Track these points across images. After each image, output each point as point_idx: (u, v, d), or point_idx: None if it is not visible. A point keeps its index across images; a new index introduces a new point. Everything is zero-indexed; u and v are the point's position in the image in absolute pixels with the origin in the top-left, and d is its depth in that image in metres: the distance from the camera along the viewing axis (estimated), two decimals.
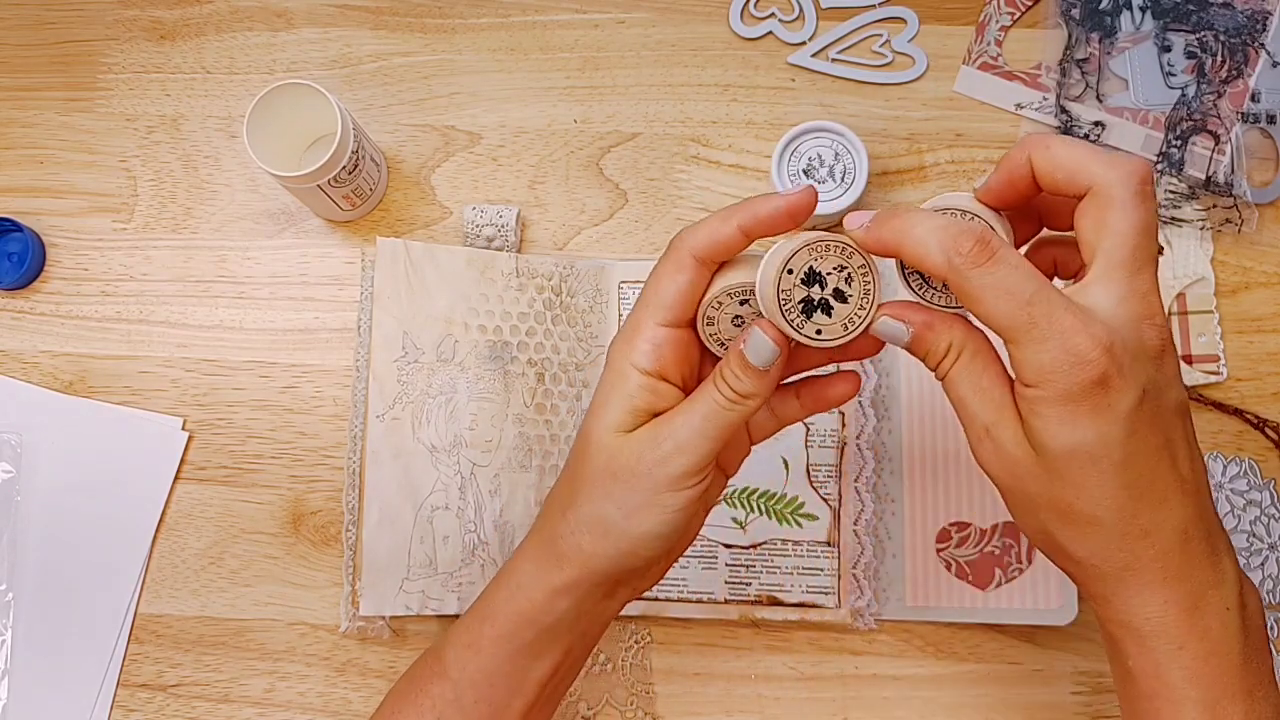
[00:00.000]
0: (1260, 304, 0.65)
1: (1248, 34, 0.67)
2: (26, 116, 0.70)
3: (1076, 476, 0.38)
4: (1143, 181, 0.38)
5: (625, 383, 0.43)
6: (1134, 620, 0.40)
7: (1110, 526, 0.39)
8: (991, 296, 0.37)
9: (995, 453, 0.40)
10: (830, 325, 0.41)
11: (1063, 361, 0.37)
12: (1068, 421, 0.37)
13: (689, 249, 0.42)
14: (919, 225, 0.39)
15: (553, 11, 0.70)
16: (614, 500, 0.43)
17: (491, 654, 0.47)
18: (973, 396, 0.40)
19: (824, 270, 0.41)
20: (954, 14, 0.69)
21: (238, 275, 0.68)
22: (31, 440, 0.66)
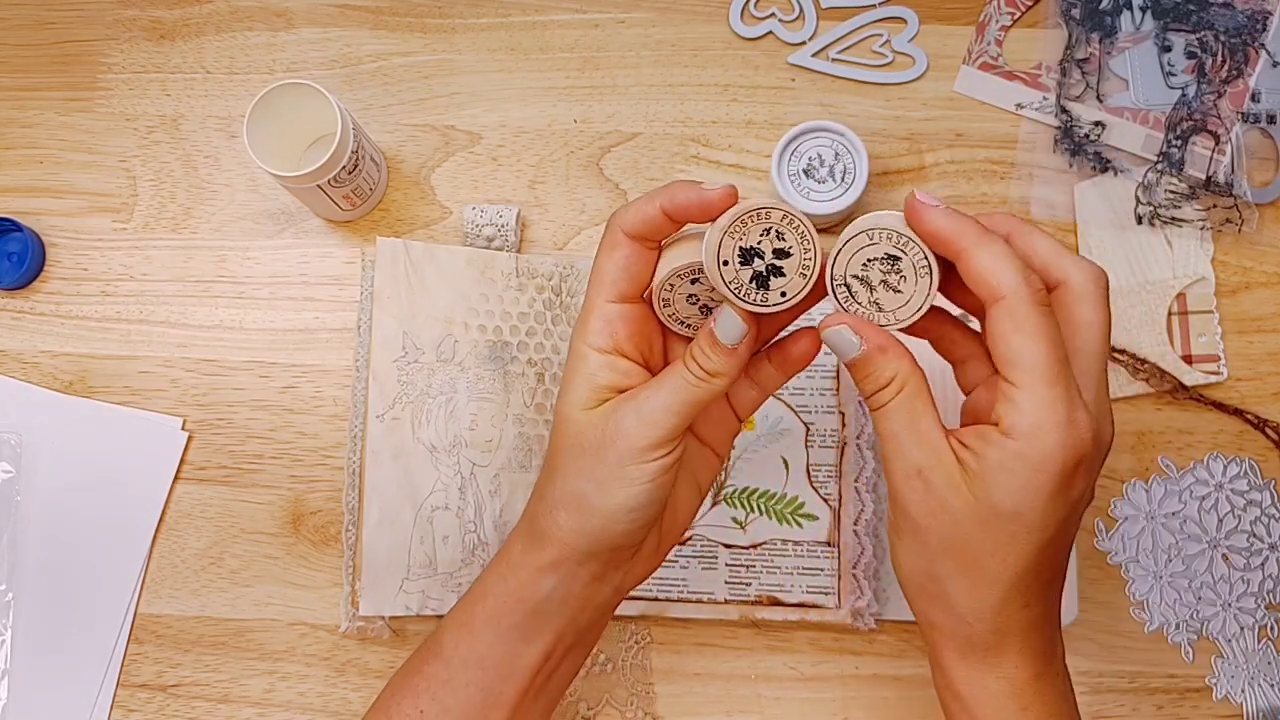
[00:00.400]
0: (1260, 304, 0.65)
1: (1248, 34, 0.67)
2: (26, 116, 0.70)
3: (1004, 537, 0.39)
4: (1107, 284, 0.41)
5: (584, 362, 0.44)
6: (985, 681, 0.42)
7: (1005, 591, 0.40)
8: (1038, 338, 0.38)
9: (923, 494, 0.40)
10: (789, 282, 0.41)
11: (1063, 431, 0.38)
12: (1030, 488, 0.38)
13: (619, 227, 0.43)
14: (999, 243, 0.39)
15: (553, 11, 0.70)
16: (584, 475, 0.44)
17: (483, 633, 0.47)
18: (908, 434, 0.41)
19: (754, 244, 0.41)
20: (954, 14, 0.69)
21: (238, 275, 0.68)
22: (31, 440, 0.66)
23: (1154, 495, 0.64)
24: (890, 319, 0.41)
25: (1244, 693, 0.62)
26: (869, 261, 0.41)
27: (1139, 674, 0.63)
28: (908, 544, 0.42)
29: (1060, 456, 0.38)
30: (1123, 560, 0.64)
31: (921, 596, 0.43)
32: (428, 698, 0.48)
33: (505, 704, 0.48)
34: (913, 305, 0.41)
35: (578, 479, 0.44)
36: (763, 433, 0.63)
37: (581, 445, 0.44)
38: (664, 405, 0.43)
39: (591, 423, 0.44)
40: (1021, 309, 0.38)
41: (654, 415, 0.43)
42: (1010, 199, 0.67)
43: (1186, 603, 0.63)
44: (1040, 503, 0.38)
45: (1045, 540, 0.39)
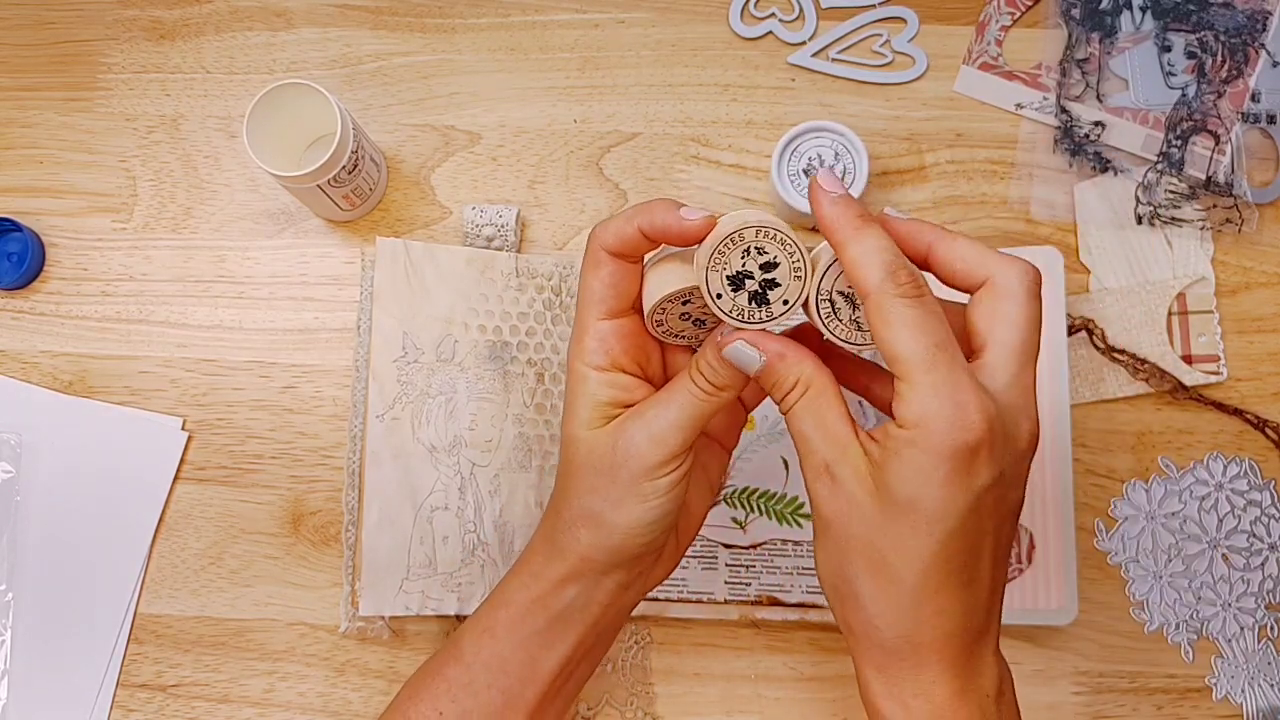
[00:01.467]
0: (1260, 304, 0.65)
1: (1248, 34, 0.67)
2: (26, 116, 0.70)
3: (904, 530, 0.39)
4: (1035, 281, 0.41)
5: (585, 383, 0.45)
6: (904, 697, 0.41)
7: (913, 590, 0.39)
8: (905, 329, 0.38)
9: (831, 489, 0.40)
10: (786, 289, 0.41)
11: (948, 415, 0.37)
12: (923, 474, 0.38)
13: (600, 245, 0.44)
14: (871, 237, 0.39)
15: (553, 11, 0.70)
16: (599, 494, 0.44)
17: (505, 638, 0.48)
18: (815, 432, 0.41)
19: (739, 269, 0.41)
20: (954, 14, 0.69)
21: (237, 275, 0.68)
22: (31, 440, 0.66)
23: (1154, 495, 0.64)
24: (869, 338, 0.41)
25: (1244, 693, 0.62)
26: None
27: (1139, 674, 0.63)
28: (821, 543, 0.42)
29: (949, 440, 0.37)
30: (1123, 560, 0.64)
31: (837, 599, 0.42)
32: (447, 700, 0.48)
33: (524, 708, 0.48)
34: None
35: (592, 497, 0.44)
36: (763, 433, 0.63)
37: (593, 465, 0.44)
38: (673, 422, 0.43)
39: (600, 442, 0.44)
40: (885, 303, 0.38)
41: (664, 433, 0.43)
42: (1010, 199, 0.67)
43: (1186, 603, 0.63)
44: (935, 490, 0.38)
45: (948, 532, 0.38)
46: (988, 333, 0.40)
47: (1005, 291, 0.40)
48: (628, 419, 0.44)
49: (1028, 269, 0.41)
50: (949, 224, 0.66)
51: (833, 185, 0.41)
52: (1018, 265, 0.41)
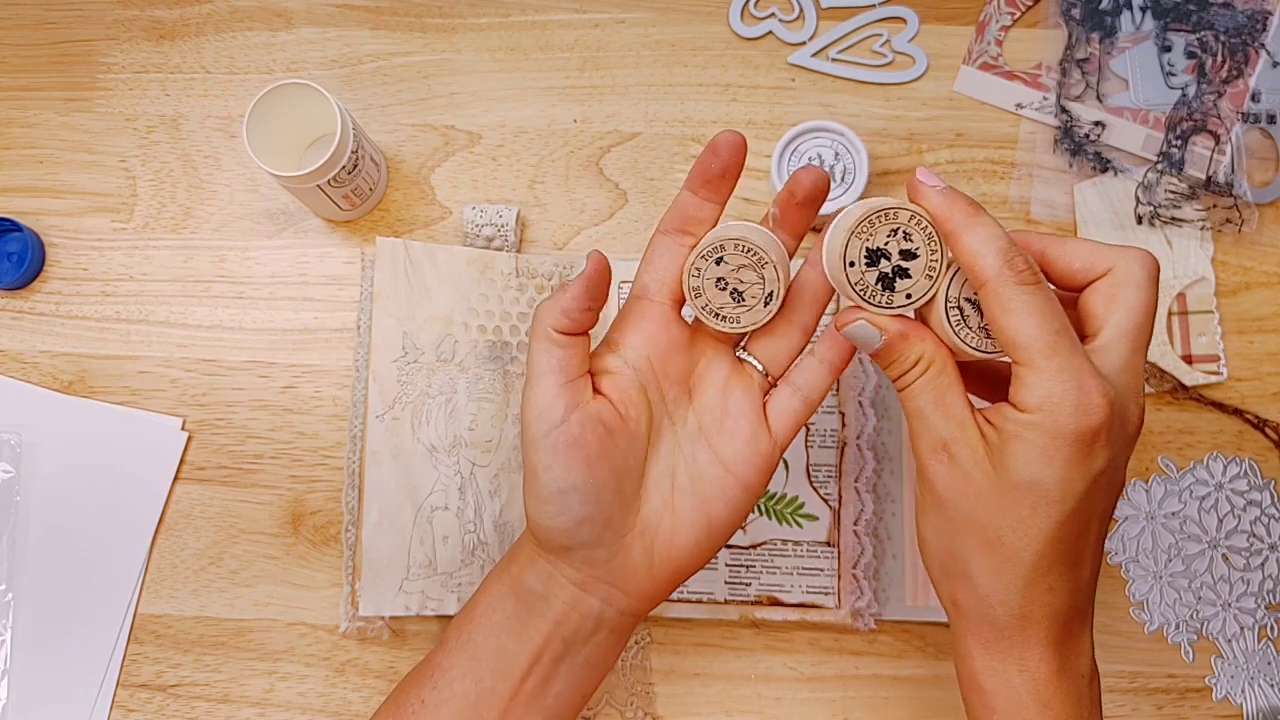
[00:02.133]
0: (1260, 304, 0.65)
1: (1248, 34, 0.67)
2: (26, 116, 0.70)
3: (1024, 510, 0.39)
4: (1155, 269, 0.41)
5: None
6: (1008, 674, 0.41)
7: (1028, 569, 0.40)
8: (1026, 315, 0.38)
9: (949, 467, 0.41)
10: (915, 284, 0.41)
11: (1072, 399, 0.38)
12: (1046, 456, 0.38)
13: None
14: (985, 226, 0.40)
15: (553, 11, 0.70)
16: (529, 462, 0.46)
17: (480, 623, 0.49)
18: (935, 410, 0.41)
19: (881, 245, 0.41)
20: (954, 14, 0.69)
21: (237, 275, 0.68)
22: (31, 440, 0.66)
23: (1154, 495, 0.64)
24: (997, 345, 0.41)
25: (1244, 693, 0.62)
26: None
27: (1139, 674, 0.63)
28: (932, 520, 0.42)
29: (1073, 424, 0.38)
30: (1123, 560, 0.64)
31: (946, 576, 0.43)
32: (429, 686, 0.49)
33: (497, 703, 0.48)
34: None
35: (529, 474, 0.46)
36: None
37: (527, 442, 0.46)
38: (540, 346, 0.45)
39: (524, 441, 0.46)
40: (1004, 290, 0.39)
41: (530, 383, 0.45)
42: (1010, 199, 0.67)
43: (1186, 603, 0.63)
44: (1056, 471, 0.38)
45: (1065, 513, 0.39)
46: (1104, 317, 0.41)
47: (1125, 278, 0.41)
48: None
49: (1148, 257, 0.41)
50: None
51: (934, 180, 0.41)
52: (1138, 253, 0.41)
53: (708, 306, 0.44)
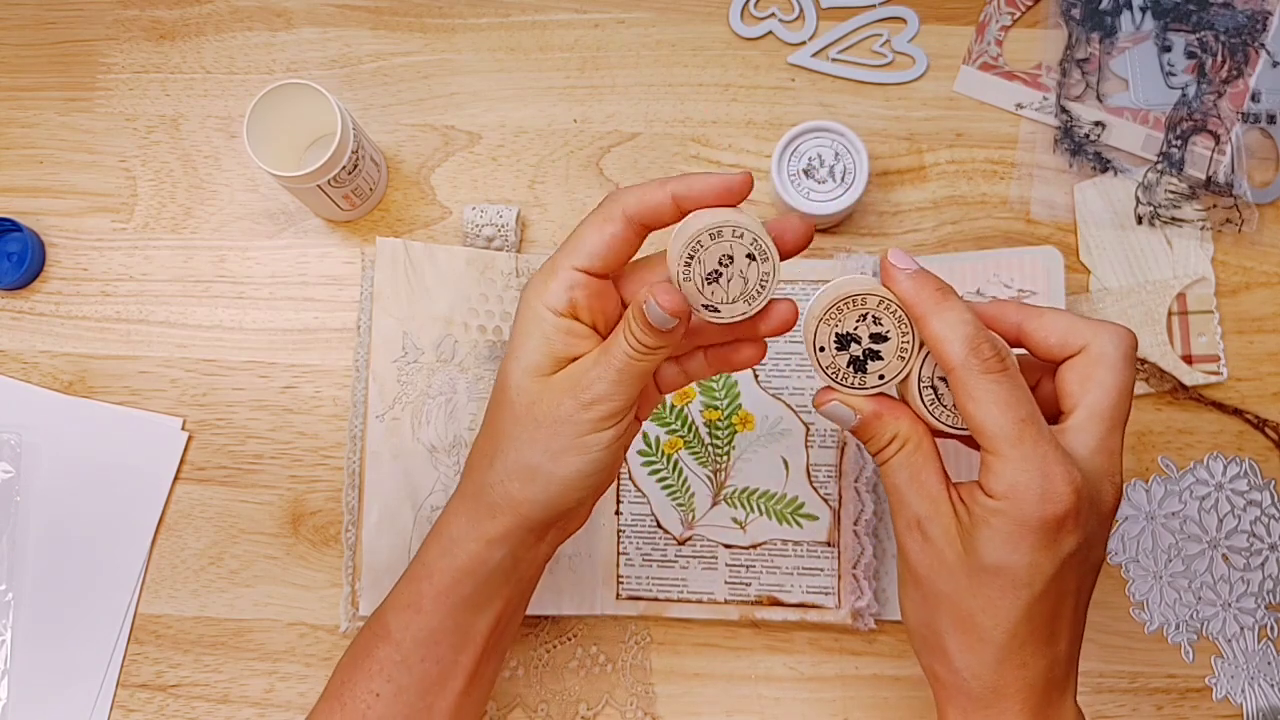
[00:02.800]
0: (1260, 304, 0.65)
1: (1248, 34, 0.67)
2: (26, 116, 0.70)
3: (993, 592, 0.40)
4: (1131, 347, 0.41)
5: (540, 325, 0.44)
6: None
7: (999, 647, 0.41)
8: (991, 404, 0.39)
9: (922, 544, 0.41)
10: (887, 365, 0.42)
11: (1036, 487, 0.38)
12: (1012, 542, 0.39)
13: (621, 206, 0.43)
14: (952, 311, 0.40)
15: (553, 11, 0.70)
16: (539, 445, 0.44)
17: (433, 611, 0.48)
18: (909, 487, 0.42)
19: (850, 330, 0.42)
20: (954, 14, 0.69)
21: (237, 275, 0.68)
22: (31, 440, 0.66)
23: (1154, 495, 0.64)
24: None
25: (1244, 693, 0.62)
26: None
27: (1139, 674, 0.63)
28: (911, 594, 0.43)
29: (1038, 511, 0.38)
30: (1123, 560, 0.64)
31: (925, 649, 0.44)
32: (381, 680, 0.48)
33: (462, 672, 0.49)
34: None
35: (530, 449, 0.44)
36: (763, 433, 0.63)
37: (536, 417, 0.44)
38: (616, 381, 0.43)
39: (548, 395, 0.44)
40: (969, 379, 0.39)
41: (609, 391, 0.43)
42: (1010, 199, 0.67)
43: (1186, 603, 0.63)
44: (1023, 557, 0.39)
45: (1034, 596, 0.40)
46: (1079, 396, 0.41)
47: (1100, 356, 0.41)
48: (575, 374, 0.44)
49: (1124, 334, 0.41)
50: (949, 224, 0.66)
51: (905, 262, 0.41)
52: (1113, 331, 0.41)
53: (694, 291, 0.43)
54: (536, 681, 0.63)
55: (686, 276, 0.42)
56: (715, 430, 0.64)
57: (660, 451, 0.64)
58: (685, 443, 0.64)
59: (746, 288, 0.42)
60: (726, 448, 0.64)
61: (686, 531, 0.63)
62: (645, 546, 0.63)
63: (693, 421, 0.64)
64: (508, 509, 0.46)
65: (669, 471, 0.64)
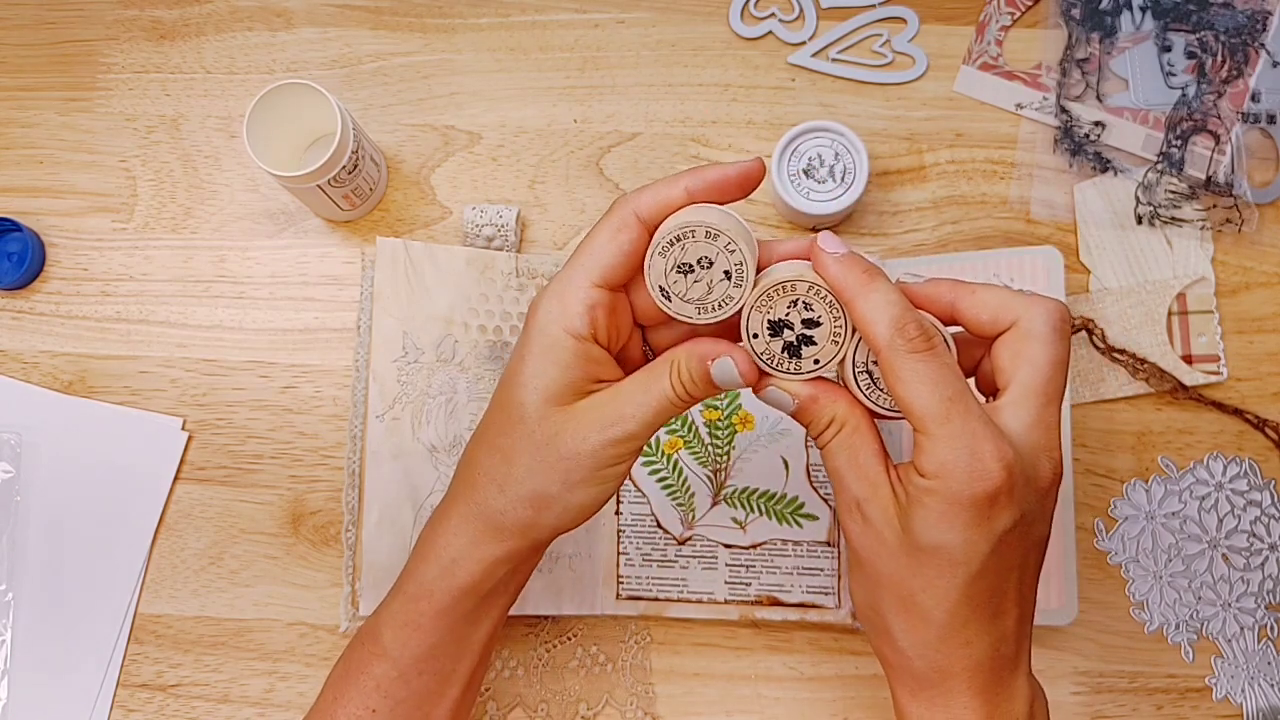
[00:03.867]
0: (1260, 304, 0.65)
1: (1248, 34, 0.67)
2: (26, 116, 0.70)
3: (931, 571, 0.40)
4: (1061, 320, 0.41)
5: (559, 351, 0.43)
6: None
7: (940, 626, 0.40)
8: (918, 384, 0.39)
9: (862, 527, 0.41)
10: (821, 349, 0.42)
11: (965, 465, 0.38)
12: (945, 521, 0.39)
13: (634, 209, 0.42)
14: (877, 292, 0.40)
15: (553, 11, 0.70)
16: (557, 475, 0.43)
17: (433, 629, 0.47)
18: (848, 470, 0.42)
19: (782, 316, 0.41)
20: (954, 14, 0.69)
21: (237, 275, 0.68)
22: (31, 440, 0.66)
23: (1154, 495, 0.64)
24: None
25: (1244, 693, 0.62)
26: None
27: (1139, 674, 0.63)
28: (856, 577, 0.44)
29: (967, 489, 0.38)
30: (1123, 560, 0.64)
31: (872, 630, 0.44)
32: (378, 696, 0.48)
33: (459, 681, 0.49)
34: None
35: (548, 480, 0.44)
36: (763, 433, 0.63)
37: (557, 449, 0.43)
38: (644, 420, 0.43)
39: (571, 428, 0.43)
40: (896, 360, 0.39)
41: (640, 431, 0.43)
42: (1010, 199, 0.67)
43: (1186, 603, 0.63)
44: (957, 536, 0.39)
45: (972, 574, 0.39)
46: (1011, 372, 0.41)
47: (1029, 332, 0.41)
48: (602, 408, 0.43)
49: (1054, 307, 0.41)
50: (949, 224, 0.66)
51: (834, 246, 0.41)
52: (1042, 305, 0.41)
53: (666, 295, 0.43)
54: (536, 681, 0.63)
55: (663, 253, 0.41)
56: (715, 430, 0.64)
57: (660, 451, 0.64)
58: (685, 443, 0.64)
59: (707, 298, 0.42)
60: (726, 448, 0.64)
61: (686, 531, 0.63)
62: (645, 546, 0.63)
63: (693, 421, 0.64)
64: (515, 533, 0.45)
65: (669, 471, 0.64)
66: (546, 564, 0.63)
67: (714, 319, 0.42)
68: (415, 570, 0.48)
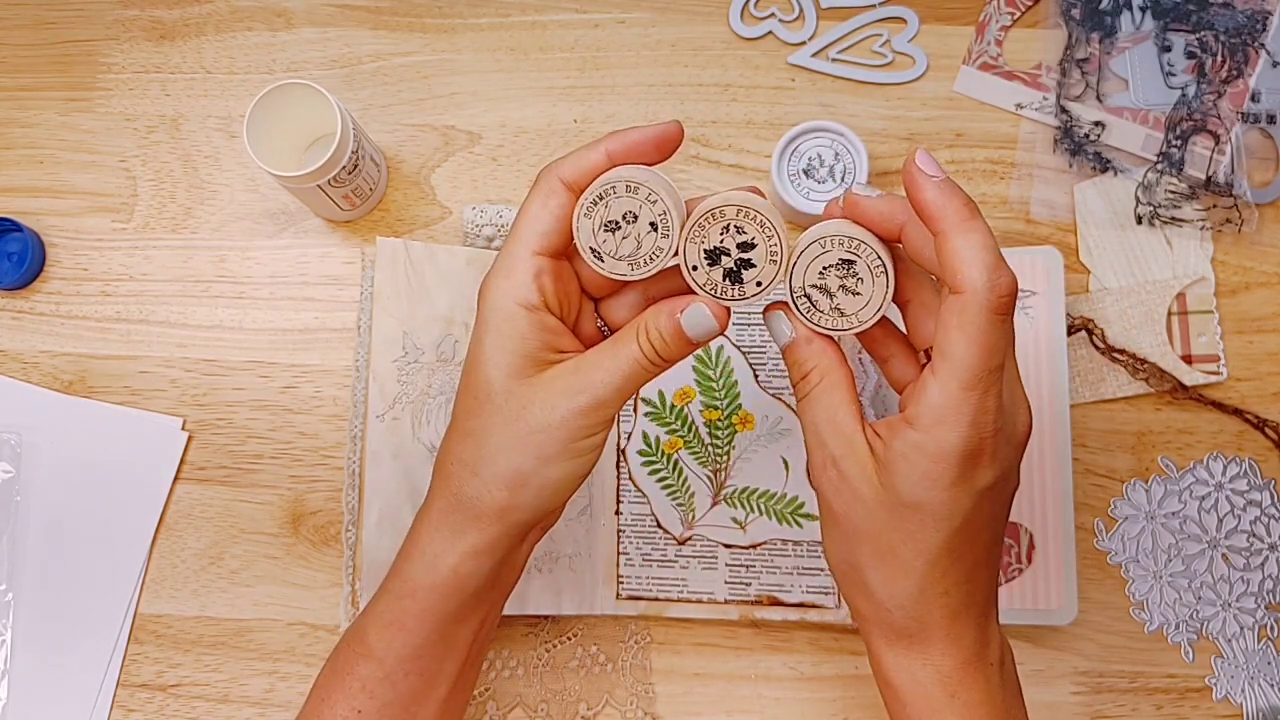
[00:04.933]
0: (1260, 304, 0.65)
1: (1248, 34, 0.67)
2: (26, 116, 0.70)
3: (912, 526, 0.40)
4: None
5: (514, 323, 0.42)
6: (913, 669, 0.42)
7: (920, 578, 0.41)
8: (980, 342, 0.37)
9: (837, 481, 0.41)
10: (760, 271, 0.41)
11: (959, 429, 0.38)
12: (929, 478, 0.39)
13: (558, 175, 0.42)
14: (977, 233, 0.38)
15: (553, 11, 0.70)
16: (530, 451, 0.43)
17: (418, 629, 0.46)
18: (825, 425, 0.41)
19: (717, 244, 0.41)
20: (954, 14, 0.69)
21: (238, 275, 0.68)
22: (31, 440, 0.66)
23: (1154, 495, 0.64)
24: (853, 321, 0.41)
25: (1244, 693, 0.62)
26: (825, 269, 0.41)
27: (1139, 674, 0.63)
28: (830, 533, 0.43)
29: (959, 449, 0.38)
30: (1123, 560, 0.64)
31: (847, 585, 0.44)
32: (364, 697, 0.47)
33: (446, 680, 0.48)
34: (872, 305, 0.41)
35: (521, 456, 0.43)
36: (763, 433, 0.63)
37: (526, 422, 0.42)
38: (618, 388, 0.42)
39: (538, 400, 0.42)
40: (973, 310, 0.37)
41: (609, 397, 0.42)
42: (1010, 199, 0.67)
43: (1186, 603, 0.63)
44: (941, 492, 0.39)
45: (953, 529, 0.40)
46: None
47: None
48: (566, 374, 0.43)
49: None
50: None
51: (934, 169, 0.39)
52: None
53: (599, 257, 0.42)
54: (536, 681, 0.63)
55: (588, 214, 0.41)
56: (715, 430, 0.64)
57: (660, 451, 0.64)
58: (685, 443, 0.64)
59: (638, 253, 0.41)
60: (726, 448, 0.64)
61: (686, 531, 0.63)
62: (645, 546, 0.63)
63: (693, 421, 0.64)
64: (493, 518, 0.44)
65: (669, 471, 0.64)
66: (546, 564, 0.63)
67: (648, 273, 0.42)
68: (400, 569, 0.47)
